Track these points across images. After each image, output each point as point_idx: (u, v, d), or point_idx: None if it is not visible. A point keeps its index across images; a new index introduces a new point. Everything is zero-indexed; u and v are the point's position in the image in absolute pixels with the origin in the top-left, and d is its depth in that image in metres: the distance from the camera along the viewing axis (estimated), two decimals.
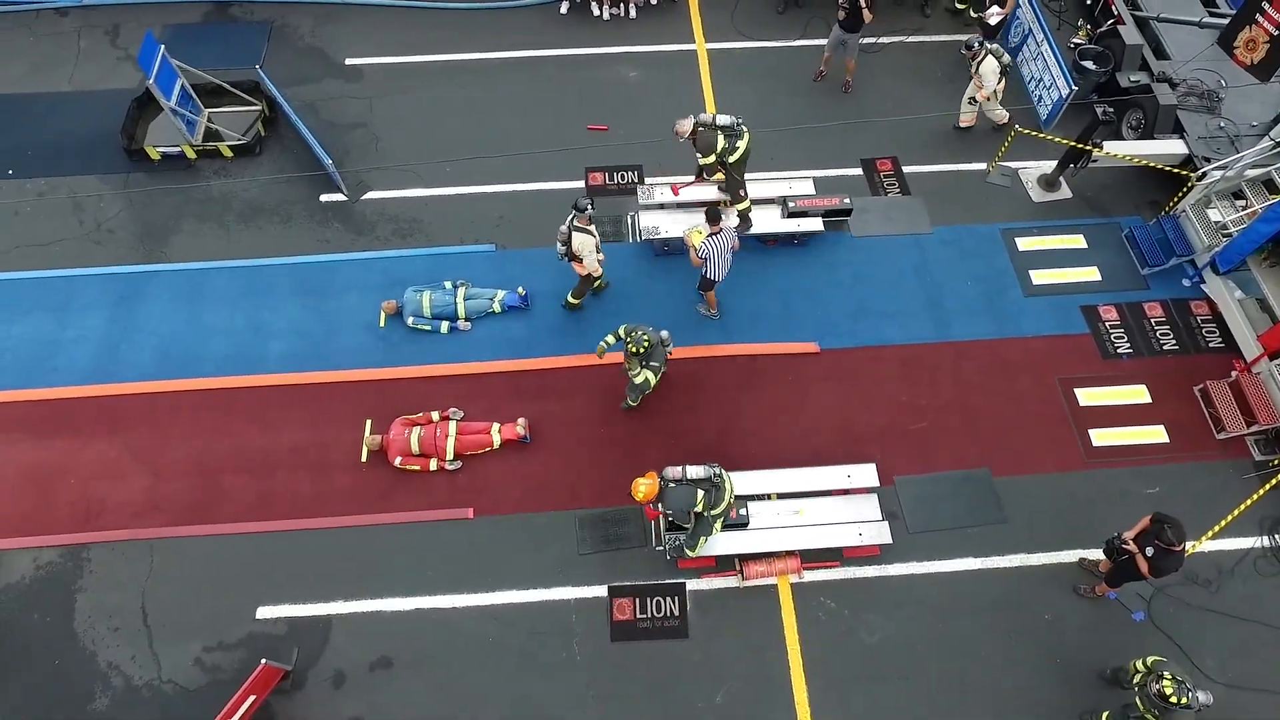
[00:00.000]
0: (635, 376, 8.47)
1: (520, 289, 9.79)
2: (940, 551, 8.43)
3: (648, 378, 8.52)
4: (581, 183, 10.84)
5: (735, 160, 9.30)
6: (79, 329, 9.66)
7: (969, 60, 10.68)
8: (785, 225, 10.21)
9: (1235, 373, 9.15)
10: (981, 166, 11.20)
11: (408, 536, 8.43)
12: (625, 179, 10.97)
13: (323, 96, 11.74)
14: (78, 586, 8.15)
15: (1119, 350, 9.69)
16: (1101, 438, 9.10)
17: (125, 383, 9.28)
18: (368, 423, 8.95)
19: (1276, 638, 8.02)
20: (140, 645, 7.88)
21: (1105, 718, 7.28)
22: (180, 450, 8.87)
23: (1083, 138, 10.10)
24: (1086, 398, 9.35)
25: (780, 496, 8.48)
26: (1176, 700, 6.33)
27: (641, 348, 8.13)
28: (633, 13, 12.70)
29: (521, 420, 8.88)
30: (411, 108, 11.62)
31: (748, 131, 9.27)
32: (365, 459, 8.79)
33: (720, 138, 9.10)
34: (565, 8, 12.72)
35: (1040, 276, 10.23)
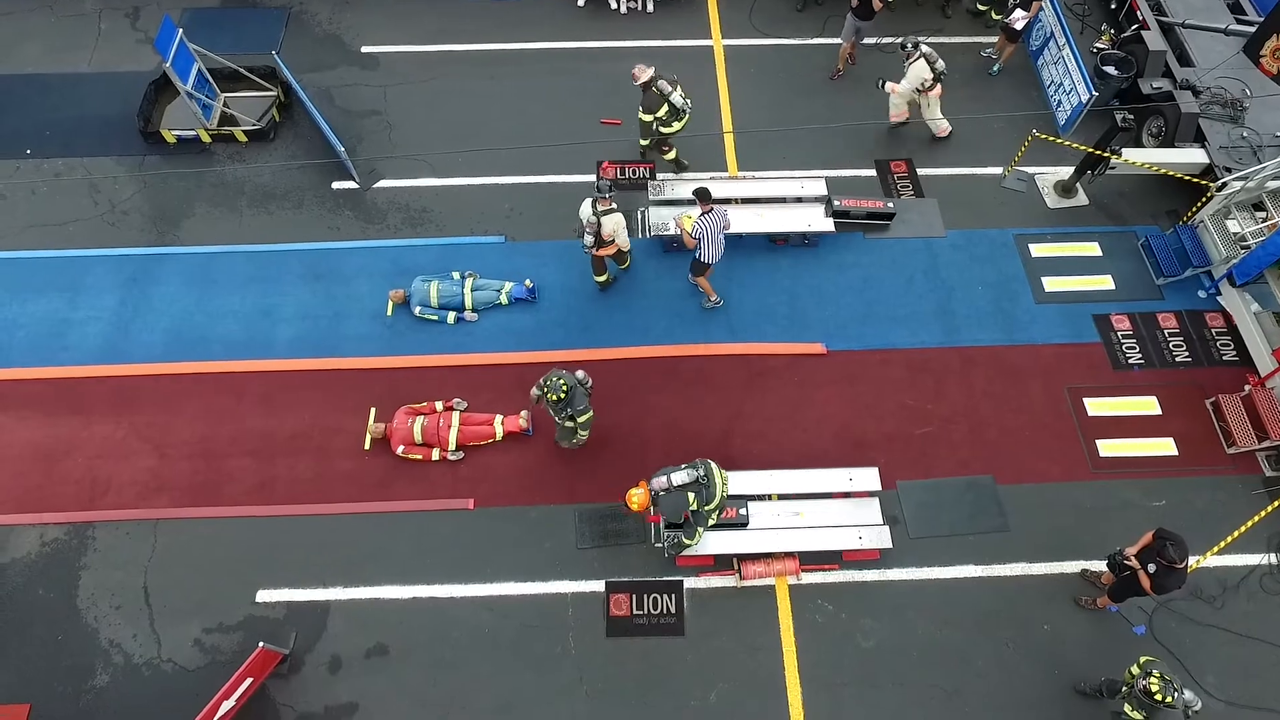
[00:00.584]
0: (569, 425, 8.38)
1: (528, 281, 9.79)
2: (941, 557, 8.37)
3: (580, 436, 8.53)
4: (593, 176, 10.82)
5: (670, 132, 10.19)
6: (91, 309, 9.75)
7: (903, 60, 10.64)
8: (794, 225, 10.14)
9: (1249, 387, 9.02)
10: (997, 170, 11.08)
11: (408, 525, 8.47)
12: (637, 174, 10.94)
13: (338, 83, 11.77)
14: (82, 564, 8.26)
15: (1130, 361, 9.57)
16: (1109, 448, 9.00)
17: (135, 363, 9.37)
18: (372, 411, 9.00)
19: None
20: (141, 624, 7.98)
21: None
22: (186, 432, 8.96)
23: (1101, 144, 9.96)
24: (1095, 408, 9.24)
25: (781, 497, 8.44)
26: (1162, 698, 6.26)
27: (560, 394, 7.92)
28: (650, 7, 12.64)
29: (525, 413, 8.90)
30: (426, 97, 11.63)
31: (688, 116, 10.07)
32: (369, 447, 8.84)
33: (664, 108, 9.89)
34: (583, 1, 12.69)
35: (1053, 284, 10.11)
